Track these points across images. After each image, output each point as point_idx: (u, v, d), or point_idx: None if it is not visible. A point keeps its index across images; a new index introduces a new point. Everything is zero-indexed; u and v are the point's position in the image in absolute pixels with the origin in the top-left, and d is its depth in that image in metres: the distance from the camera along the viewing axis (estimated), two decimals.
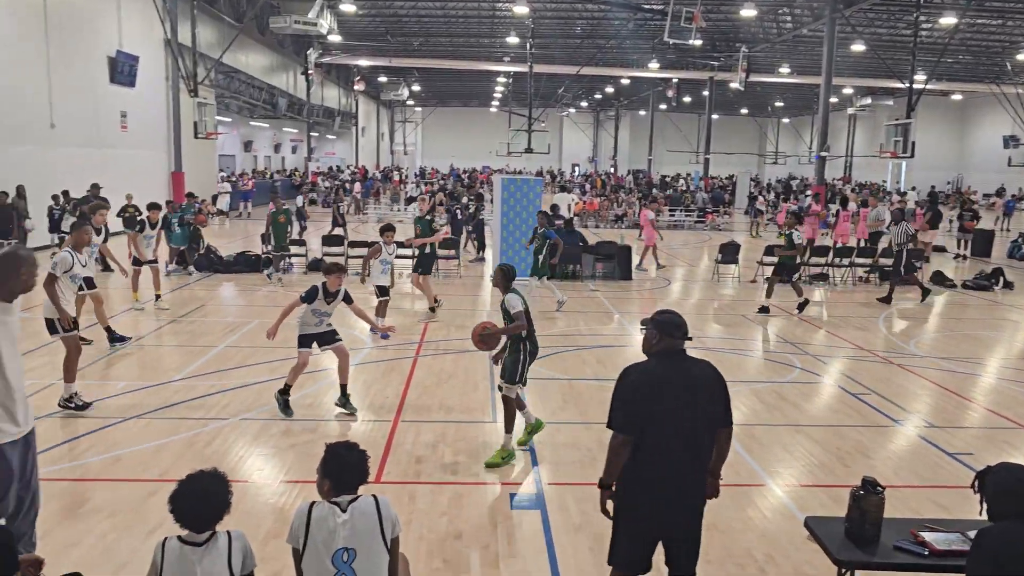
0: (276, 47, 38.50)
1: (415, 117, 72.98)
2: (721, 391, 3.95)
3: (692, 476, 3.90)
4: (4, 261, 4.21)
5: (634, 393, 3.85)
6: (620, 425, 3.85)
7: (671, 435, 3.82)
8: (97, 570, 4.82)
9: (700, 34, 30.03)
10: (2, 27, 17.66)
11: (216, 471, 3.45)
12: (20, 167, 18.04)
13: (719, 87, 46.67)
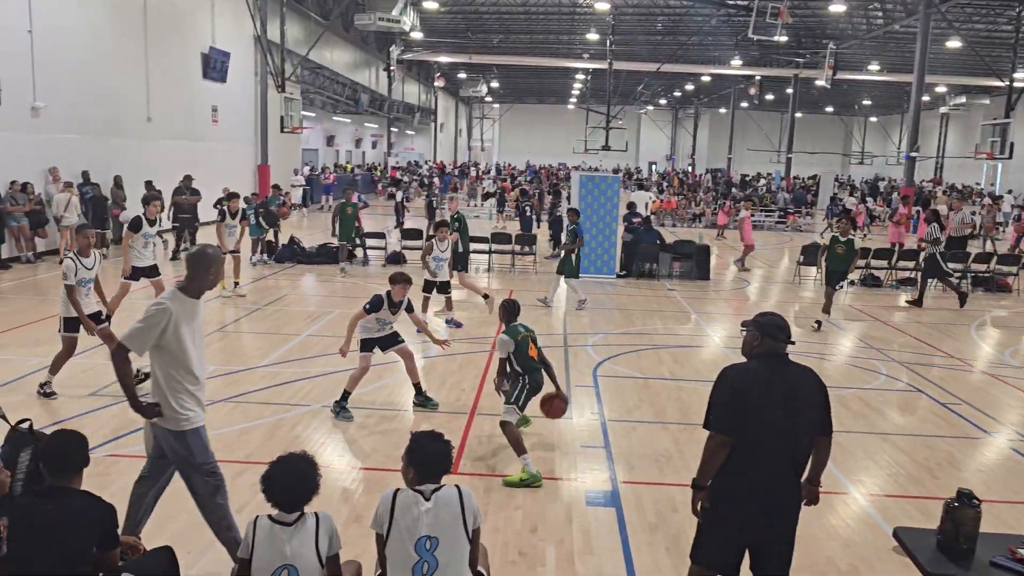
0: (360, 44, 39.24)
1: (493, 114, 73.38)
2: (822, 398, 3.88)
3: (788, 482, 3.83)
4: (196, 260, 4.48)
5: (733, 394, 3.80)
6: (717, 426, 3.81)
7: (768, 439, 3.75)
8: (188, 544, 5.03)
9: (786, 30, 29.31)
10: (105, 26, 18.51)
11: (306, 454, 3.56)
12: (118, 159, 18.89)
13: (804, 85, 45.44)
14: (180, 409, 4.42)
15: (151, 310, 4.34)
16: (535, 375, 6.60)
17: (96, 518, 3.46)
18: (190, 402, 4.46)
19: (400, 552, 3.43)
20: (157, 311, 4.32)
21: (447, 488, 3.56)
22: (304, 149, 37.83)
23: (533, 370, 6.60)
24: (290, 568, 3.34)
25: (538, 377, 6.63)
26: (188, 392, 4.45)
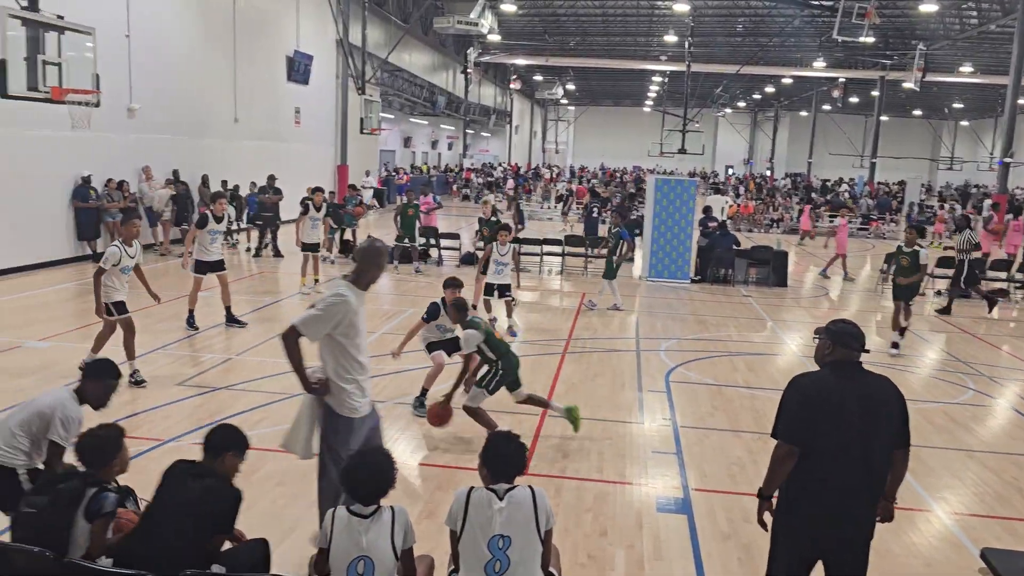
0: (438, 46, 39.76)
1: (568, 116, 73.30)
2: (899, 409, 3.74)
3: (861, 496, 3.70)
4: (366, 254, 4.67)
5: (803, 403, 3.71)
6: (785, 435, 3.73)
7: (840, 451, 3.65)
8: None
9: (873, 31, 28.42)
10: (196, 31, 19.27)
11: (383, 449, 3.66)
12: (206, 158, 19.63)
13: (890, 87, 43.97)
14: (348, 399, 4.63)
15: (330, 300, 4.49)
16: (508, 358, 6.93)
17: (225, 502, 3.68)
18: (357, 392, 4.67)
19: (473, 549, 3.49)
20: (337, 302, 4.48)
21: (521, 488, 3.60)
22: (382, 150, 38.54)
23: (506, 353, 6.94)
24: (366, 559, 3.43)
25: (511, 360, 6.95)
26: (356, 382, 4.65)
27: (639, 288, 15.93)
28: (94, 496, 3.65)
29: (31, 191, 14.26)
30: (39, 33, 10.23)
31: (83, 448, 3.84)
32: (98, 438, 3.87)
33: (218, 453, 3.92)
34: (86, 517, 3.62)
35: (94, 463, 3.82)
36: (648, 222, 16.68)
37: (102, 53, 11.78)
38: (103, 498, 3.67)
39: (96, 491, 3.67)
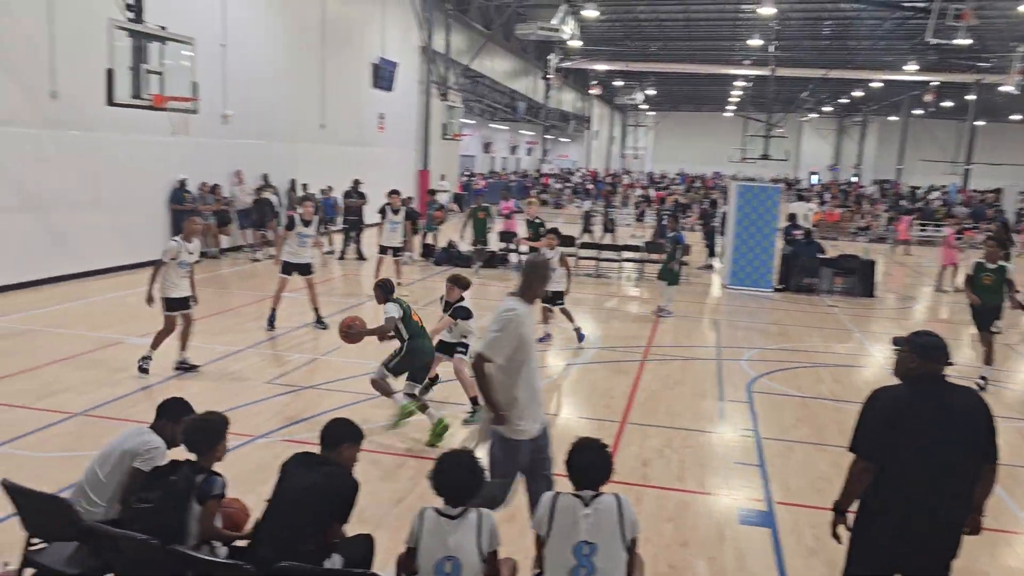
0: (519, 53, 39.99)
1: (647, 121, 72.64)
2: (986, 423, 3.61)
3: (944, 513, 3.58)
4: (532, 268, 4.64)
5: (883, 417, 3.62)
6: (863, 449, 3.65)
7: (922, 467, 3.55)
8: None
9: (969, 32, 27.28)
10: (287, 39, 19.91)
11: (471, 452, 3.72)
12: (295, 163, 20.25)
13: (986, 91, 42.06)
14: (514, 419, 4.51)
15: (504, 317, 4.45)
16: (417, 340, 7.18)
17: (346, 491, 3.84)
18: (521, 412, 4.55)
19: (559, 554, 3.52)
20: (511, 317, 4.47)
21: (606, 496, 3.61)
22: (462, 155, 38.96)
23: (417, 335, 7.18)
24: (453, 560, 3.49)
25: (419, 343, 7.18)
26: (519, 401, 4.55)
27: (716, 294, 15.68)
28: (204, 479, 3.88)
29: (132, 194, 14.97)
30: (143, 44, 10.76)
31: (189, 432, 4.03)
32: (204, 422, 4.07)
33: (335, 445, 4.05)
34: (198, 500, 3.84)
35: (199, 447, 4.00)
36: (730, 229, 16.41)
37: (199, 62, 12.33)
38: (213, 481, 3.90)
39: (205, 475, 3.90)
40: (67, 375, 8.43)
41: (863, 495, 3.71)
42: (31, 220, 12.94)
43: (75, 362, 8.94)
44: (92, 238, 14.19)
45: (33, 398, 7.65)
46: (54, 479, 5.82)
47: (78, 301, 12.26)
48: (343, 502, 3.85)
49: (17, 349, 9.36)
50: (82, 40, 12.88)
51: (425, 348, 7.28)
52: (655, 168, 69.11)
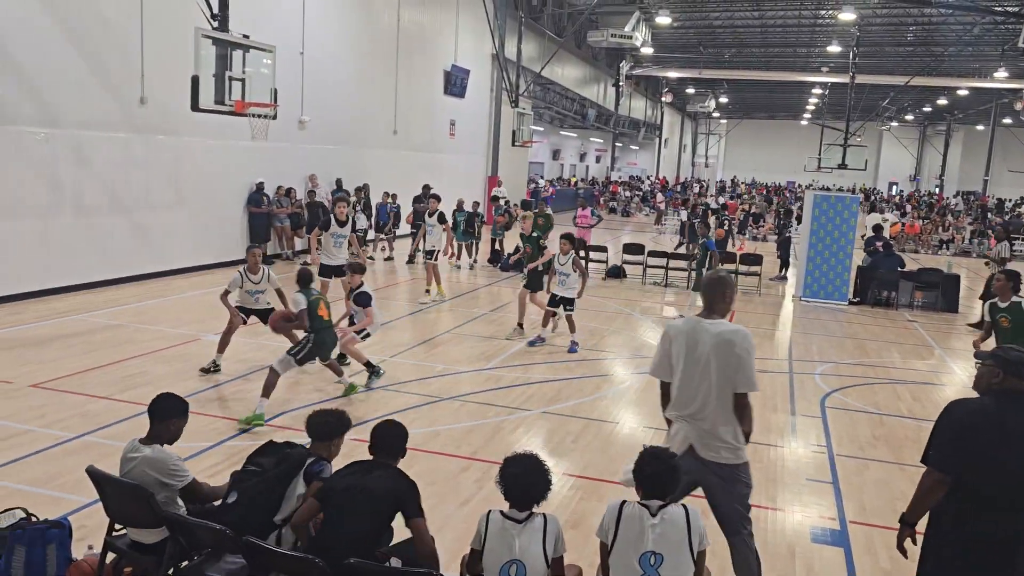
0: (590, 60, 39.93)
1: (719, 129, 71.64)
2: None
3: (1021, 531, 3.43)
4: (714, 285, 4.45)
5: (960, 430, 3.49)
6: (936, 462, 3.53)
7: (1000, 482, 3.40)
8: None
9: None
10: (361, 47, 20.31)
11: (539, 456, 3.70)
12: (367, 168, 20.62)
13: None
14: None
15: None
16: (322, 334, 7.57)
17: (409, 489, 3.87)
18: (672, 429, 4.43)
19: (624, 564, 3.47)
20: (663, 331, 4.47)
21: (674, 507, 3.55)
22: (531, 162, 39.10)
23: (321, 329, 7.56)
24: (518, 564, 3.48)
25: (324, 337, 7.60)
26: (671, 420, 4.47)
27: (788, 306, 15.32)
28: (314, 461, 4.11)
29: (213, 196, 15.48)
30: (227, 52, 11.10)
31: (311, 424, 4.26)
32: (325, 416, 4.30)
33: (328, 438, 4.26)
34: (305, 478, 4.04)
35: (319, 436, 4.23)
36: (804, 240, 16.02)
37: (281, 69, 12.67)
38: (323, 465, 4.11)
39: (316, 459, 4.13)
40: (149, 369, 8.75)
41: (935, 510, 3.60)
42: (118, 220, 13.50)
43: (156, 357, 9.28)
44: (174, 238, 14.73)
45: (117, 390, 7.97)
46: None
47: (160, 298, 12.73)
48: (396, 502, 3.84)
49: (104, 343, 9.76)
50: (170, 49, 13.41)
51: (327, 342, 7.74)
52: (726, 176, 68.07)
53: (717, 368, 4.17)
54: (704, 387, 4.22)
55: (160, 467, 4.11)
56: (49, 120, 12.07)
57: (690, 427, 4.27)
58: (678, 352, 4.30)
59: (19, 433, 6.71)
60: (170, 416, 4.28)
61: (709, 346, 4.19)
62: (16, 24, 11.43)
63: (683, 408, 4.30)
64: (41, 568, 4.17)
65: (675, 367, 4.32)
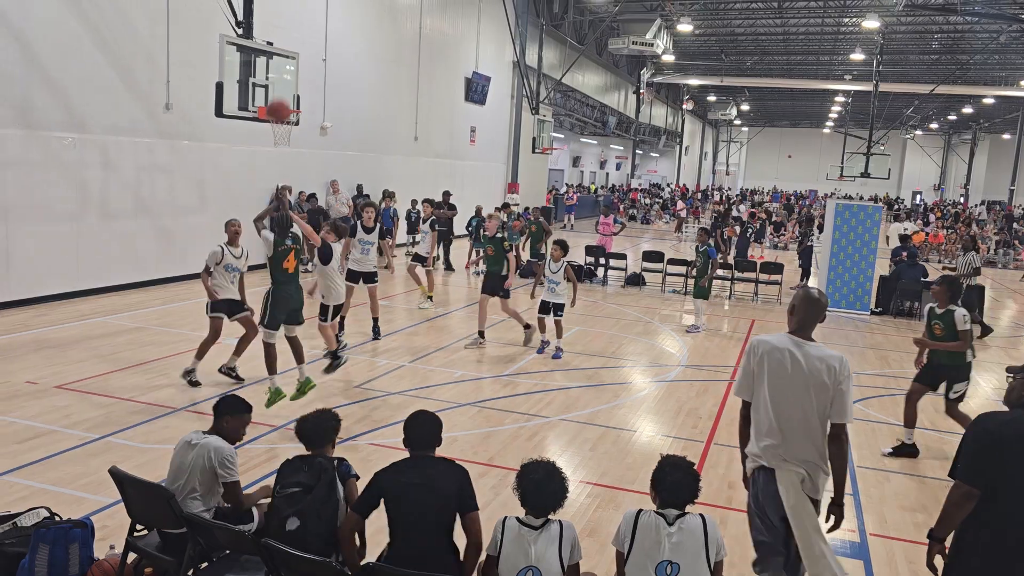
0: (611, 67, 39.94)
1: (740, 137, 71.35)
2: None
3: None
4: (813, 304, 4.11)
5: (990, 443, 3.44)
6: (965, 475, 3.48)
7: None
8: None
9: None
10: (383, 54, 20.45)
11: (556, 464, 3.71)
12: (388, 174, 20.74)
13: None
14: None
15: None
16: (283, 287, 7.45)
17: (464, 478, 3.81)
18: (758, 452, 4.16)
19: (640, 573, 3.47)
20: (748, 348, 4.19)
21: (692, 516, 3.55)
22: (551, 169, 39.12)
23: (284, 282, 7.42)
24: (534, 570, 3.49)
25: (288, 290, 7.51)
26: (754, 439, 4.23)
27: None
28: (341, 461, 4.16)
29: (235, 201, 15.60)
30: (251, 58, 11.24)
31: (302, 431, 4.24)
32: (314, 422, 4.25)
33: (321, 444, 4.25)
34: (341, 479, 4.07)
35: (314, 442, 4.20)
36: (826, 249, 15.91)
37: (304, 76, 12.81)
38: (347, 464, 4.16)
39: (340, 458, 4.17)
40: (171, 372, 8.84)
41: (962, 525, 3.54)
42: (143, 224, 13.67)
43: (179, 360, 9.37)
44: (197, 242, 14.86)
45: (140, 392, 8.06)
46: (156, 469, 6.12)
47: (184, 302, 12.86)
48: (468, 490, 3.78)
49: (127, 345, 9.88)
50: (196, 55, 13.60)
51: (291, 296, 7.58)
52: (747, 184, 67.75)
53: (811, 394, 3.94)
54: (795, 414, 3.96)
55: (219, 456, 4.28)
56: (77, 125, 12.27)
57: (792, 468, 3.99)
58: (767, 371, 4.03)
59: (44, 433, 6.81)
60: (225, 413, 4.46)
61: (804, 369, 3.95)
62: (46, 32, 11.63)
63: (768, 436, 4.01)
64: (64, 567, 4.23)
65: (757, 388, 4.07)
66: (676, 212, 36.24)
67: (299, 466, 4.08)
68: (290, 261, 7.45)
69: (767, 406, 4.04)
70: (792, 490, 4.01)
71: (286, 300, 7.55)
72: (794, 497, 4.01)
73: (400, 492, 3.71)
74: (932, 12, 30.45)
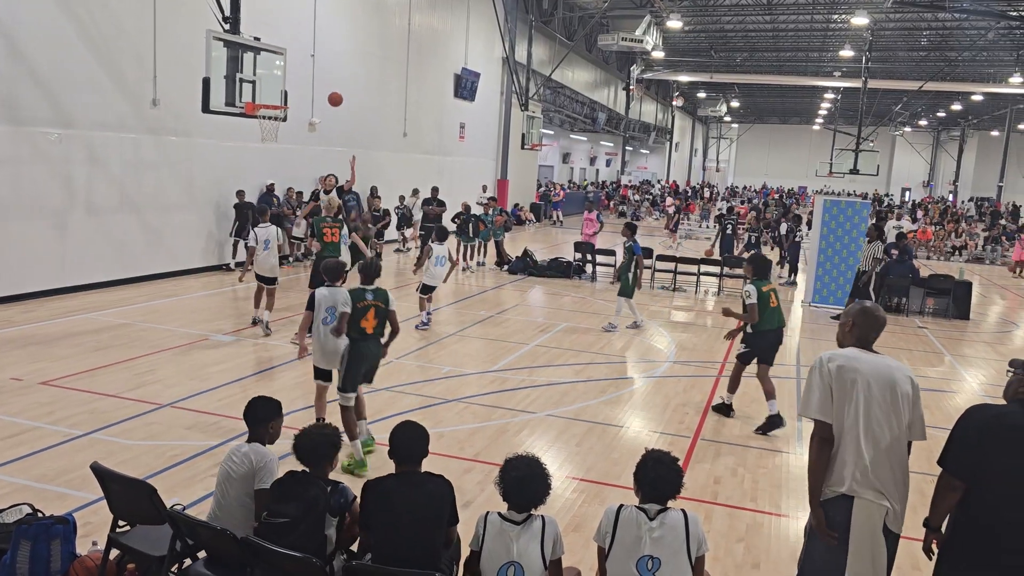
0: (600, 63, 39.94)
1: (730, 133, 71.52)
2: None
3: None
4: (876, 318, 3.93)
5: (979, 436, 3.45)
6: (952, 467, 3.51)
7: (1016, 494, 3.37)
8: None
9: None
10: (372, 50, 20.38)
11: (539, 459, 3.71)
12: (376, 170, 20.68)
13: None
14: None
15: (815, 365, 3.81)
16: (363, 344, 6.47)
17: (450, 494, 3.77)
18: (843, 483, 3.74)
19: (621, 568, 3.47)
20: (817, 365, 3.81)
21: (674, 512, 3.55)
22: (541, 165, 39.10)
23: (362, 340, 6.45)
24: (516, 565, 3.49)
25: (368, 347, 6.50)
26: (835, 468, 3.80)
27: (797, 311, 15.27)
28: (333, 492, 3.87)
29: (223, 197, 15.56)
30: (238, 53, 11.17)
31: (300, 448, 3.96)
32: (313, 441, 3.97)
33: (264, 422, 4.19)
34: (332, 513, 3.83)
35: (311, 462, 3.96)
36: (814, 245, 15.97)
37: (292, 72, 12.75)
38: (344, 492, 3.91)
39: (332, 487, 3.88)
40: (157, 368, 8.81)
41: (953, 517, 3.57)
42: (129, 220, 13.59)
43: (165, 356, 9.34)
44: (184, 238, 14.82)
45: (125, 388, 8.03)
46: (141, 465, 6.11)
47: (170, 298, 12.81)
48: (452, 504, 3.79)
49: (113, 342, 9.83)
50: (182, 51, 13.51)
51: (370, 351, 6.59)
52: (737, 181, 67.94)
53: (900, 411, 3.69)
54: (885, 435, 3.66)
55: (259, 460, 4.12)
56: (63, 121, 12.19)
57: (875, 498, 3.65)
58: (852, 389, 3.68)
59: (28, 430, 6.78)
60: (270, 418, 4.29)
61: (888, 383, 3.69)
62: (32, 27, 11.54)
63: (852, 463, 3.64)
64: (45, 563, 4.21)
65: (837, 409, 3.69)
66: (665, 208, 36.25)
67: (290, 492, 3.85)
68: (369, 320, 6.48)
69: (855, 428, 3.65)
70: (869, 523, 3.64)
71: (365, 357, 6.58)
72: (870, 532, 3.64)
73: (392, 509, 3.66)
74: (921, 9, 30.57)
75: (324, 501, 3.82)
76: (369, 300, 6.50)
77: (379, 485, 3.76)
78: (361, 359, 6.51)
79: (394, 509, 3.66)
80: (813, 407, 3.71)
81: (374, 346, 6.63)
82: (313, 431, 4.05)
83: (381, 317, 6.57)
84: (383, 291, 6.64)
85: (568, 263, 18.04)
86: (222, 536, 3.81)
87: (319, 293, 6.69)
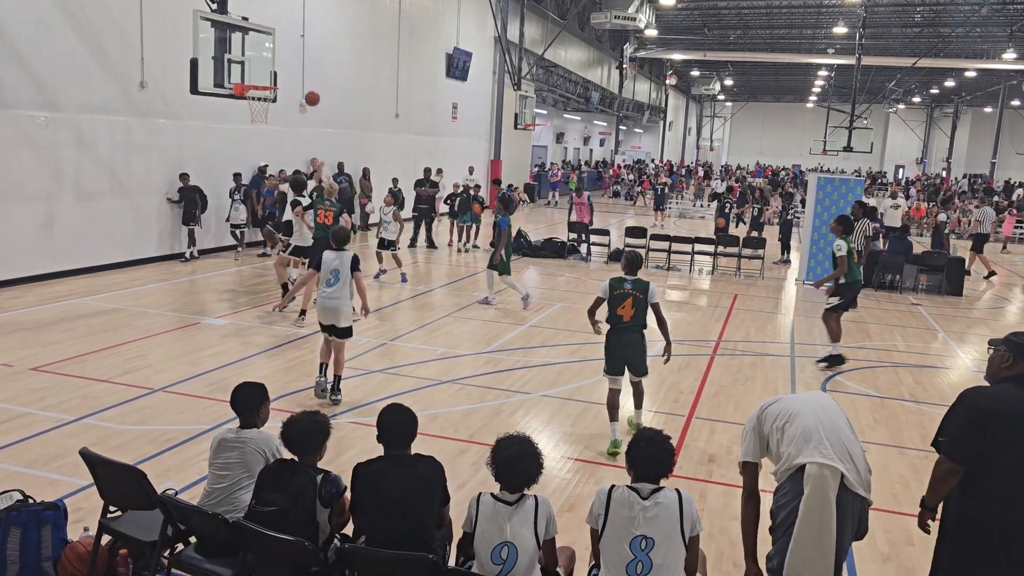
0: (593, 42, 39.64)
1: (724, 112, 71.25)
2: None
3: None
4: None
5: (973, 419, 3.42)
6: (949, 451, 3.47)
7: (1017, 473, 3.36)
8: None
9: None
10: (363, 30, 20.18)
11: (531, 439, 3.68)
12: (368, 151, 20.55)
13: None
14: None
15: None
16: (618, 334, 6.81)
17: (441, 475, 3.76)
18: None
19: (614, 548, 3.45)
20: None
21: (667, 491, 3.52)
22: (534, 145, 38.91)
23: (616, 329, 6.79)
24: (509, 545, 3.47)
25: (624, 337, 6.80)
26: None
27: (791, 290, 15.26)
28: (324, 481, 3.78)
29: (215, 180, 15.42)
30: (226, 34, 11.03)
31: (290, 435, 3.85)
32: (302, 429, 3.86)
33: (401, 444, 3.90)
34: (323, 503, 3.75)
35: (303, 450, 3.86)
36: (808, 222, 15.94)
37: (279, 52, 12.59)
38: (335, 480, 3.82)
39: (322, 476, 3.79)
40: (149, 352, 8.76)
41: (950, 501, 3.54)
42: (119, 204, 13.48)
43: (156, 340, 9.29)
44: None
45: (116, 373, 7.98)
46: (133, 450, 6.07)
47: (161, 282, 12.73)
48: (443, 486, 3.78)
49: (104, 327, 9.77)
50: (170, 32, 13.35)
51: (628, 341, 6.83)
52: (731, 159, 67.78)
53: None
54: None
55: (270, 446, 4.11)
56: (50, 104, 12.04)
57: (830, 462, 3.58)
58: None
59: (18, 416, 6.73)
60: (259, 405, 4.24)
61: None
62: (16, 9, 11.37)
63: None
64: (36, 549, 4.18)
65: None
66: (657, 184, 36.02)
67: (279, 480, 3.78)
68: (626, 308, 6.65)
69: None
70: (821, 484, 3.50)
71: (620, 347, 6.83)
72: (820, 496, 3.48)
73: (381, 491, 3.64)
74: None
75: (313, 490, 3.74)
76: (627, 290, 6.80)
77: (368, 468, 3.74)
78: (617, 348, 6.90)
79: (384, 492, 3.64)
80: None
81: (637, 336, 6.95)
82: (303, 418, 3.91)
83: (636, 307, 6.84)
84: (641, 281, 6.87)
85: (562, 243, 17.99)
86: (214, 520, 3.78)
87: (326, 255, 7.39)
